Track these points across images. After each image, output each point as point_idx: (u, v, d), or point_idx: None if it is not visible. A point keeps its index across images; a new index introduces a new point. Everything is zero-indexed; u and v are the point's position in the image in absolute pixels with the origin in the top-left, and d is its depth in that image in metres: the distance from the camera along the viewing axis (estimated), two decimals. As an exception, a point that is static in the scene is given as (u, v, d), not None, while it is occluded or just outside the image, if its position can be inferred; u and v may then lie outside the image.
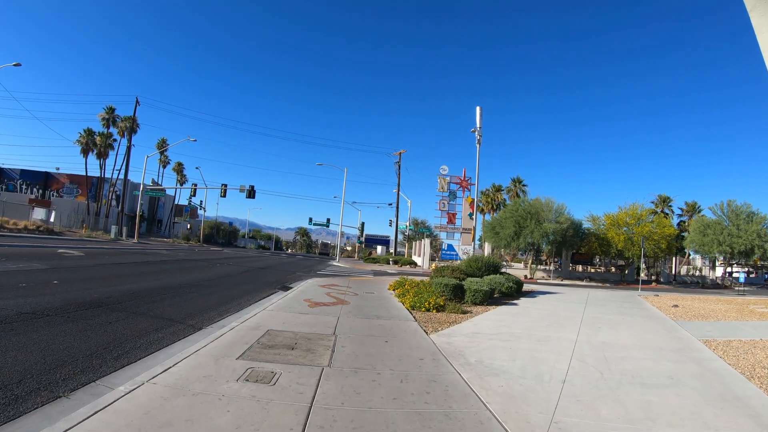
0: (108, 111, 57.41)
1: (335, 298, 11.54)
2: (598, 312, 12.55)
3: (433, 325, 8.59)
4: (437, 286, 12.05)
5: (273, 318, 8.21)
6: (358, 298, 11.98)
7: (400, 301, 11.57)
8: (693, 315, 12.91)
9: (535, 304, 13.67)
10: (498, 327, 8.85)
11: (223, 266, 21.61)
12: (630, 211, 40.49)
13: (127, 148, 54.77)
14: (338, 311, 9.42)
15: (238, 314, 8.82)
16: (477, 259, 16.17)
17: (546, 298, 15.79)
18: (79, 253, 20.27)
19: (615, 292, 21.24)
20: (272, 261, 31.62)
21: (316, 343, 6.39)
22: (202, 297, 10.88)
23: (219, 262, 23.93)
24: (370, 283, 17.32)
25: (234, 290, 12.71)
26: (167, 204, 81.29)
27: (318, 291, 13.13)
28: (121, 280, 12.35)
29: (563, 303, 14.54)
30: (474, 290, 12.10)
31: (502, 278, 15.32)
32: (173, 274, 15.70)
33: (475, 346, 6.93)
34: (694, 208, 59.02)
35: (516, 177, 59.91)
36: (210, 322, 8.01)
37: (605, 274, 47.25)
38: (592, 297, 17.51)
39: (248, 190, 44.36)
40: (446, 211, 52.34)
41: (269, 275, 18.84)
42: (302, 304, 10.11)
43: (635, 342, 8.36)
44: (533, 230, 34.54)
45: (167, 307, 9.03)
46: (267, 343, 6.22)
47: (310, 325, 7.64)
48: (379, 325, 8.08)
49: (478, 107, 24.27)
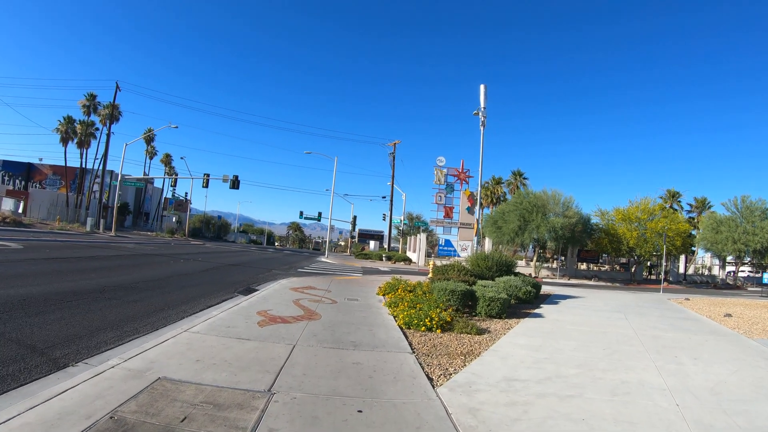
0: (89, 98, 53.89)
1: (303, 309, 8.53)
2: (646, 326, 9.67)
3: (439, 359, 5.60)
4: (441, 292, 9.06)
5: (189, 348, 5.21)
6: (335, 309, 8.96)
7: (391, 313, 8.57)
8: (763, 329, 10.08)
9: (562, 314, 10.73)
10: (538, 362, 5.88)
11: (188, 262, 18.54)
12: (641, 205, 37.60)
13: (106, 135, 51.39)
14: (299, 333, 6.41)
15: (143, 338, 5.83)
16: (486, 256, 13.18)
17: (569, 304, 12.86)
18: (17, 245, 17.16)
19: (638, 295, 18.34)
20: (252, 257, 28.48)
21: (227, 420, 3.39)
22: (120, 306, 7.86)
23: (186, 258, 20.85)
24: (357, 285, 14.34)
25: (174, 295, 9.67)
26: (154, 196, 77.88)
27: (285, 297, 10.11)
28: (25, 280, 9.30)
29: (594, 312, 11.62)
30: (489, 299, 9.12)
31: (518, 280, 12.38)
32: (113, 272, 12.64)
33: (520, 416, 3.94)
34: (704, 204, 56.29)
35: (516, 170, 56.85)
36: (85, 355, 5.05)
37: (612, 272, 44.48)
38: (621, 302, 14.63)
39: (231, 180, 41.04)
40: (443, 205, 49.25)
41: (237, 274, 15.80)
42: (252, 320, 7.10)
43: (748, 384, 5.45)
44: (539, 224, 31.60)
45: (45, 326, 6.05)
46: (126, 422, 3.22)
47: (240, 367, 4.62)
48: (354, 364, 5.04)
49: (483, 85, 21.35)
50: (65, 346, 5.44)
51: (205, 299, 9.53)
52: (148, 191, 74.75)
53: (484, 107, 22.05)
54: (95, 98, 53.83)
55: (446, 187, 49.60)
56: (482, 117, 21.95)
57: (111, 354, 5.19)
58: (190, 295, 9.83)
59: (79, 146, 54.63)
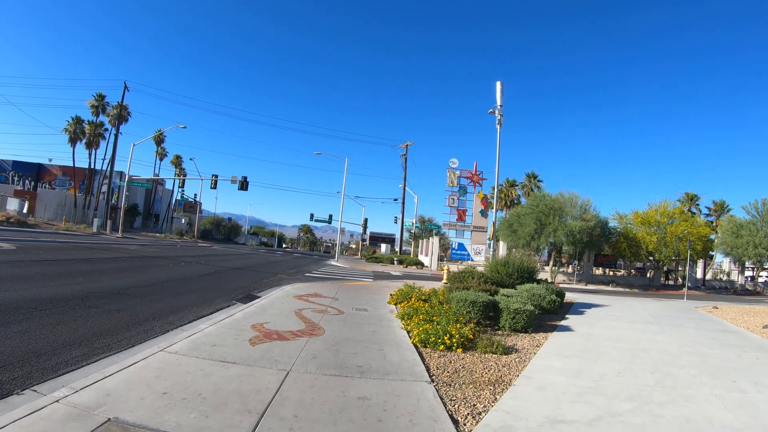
0: (97, 98, 53.63)
1: (305, 322, 7.58)
2: (687, 340, 8.63)
3: (464, 391, 4.60)
4: (460, 304, 8.07)
5: (159, 376, 4.28)
6: (341, 322, 7.99)
7: (404, 327, 7.58)
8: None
9: (592, 327, 9.65)
10: (583, 393, 4.84)
11: (189, 266, 17.72)
12: (661, 208, 36.17)
13: (114, 136, 51.13)
14: (296, 353, 5.45)
15: (111, 359, 4.94)
16: (507, 262, 12.14)
17: (596, 314, 11.77)
18: (10, 246, 16.46)
19: (664, 303, 17.10)
20: (258, 260, 27.64)
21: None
22: (99, 317, 6.98)
23: (189, 261, 20.05)
24: (366, 292, 13.38)
25: (164, 303, 8.79)
26: (165, 198, 77.64)
27: (287, 306, 9.18)
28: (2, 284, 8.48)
29: (627, 324, 10.53)
30: (514, 311, 8.11)
31: (541, 288, 11.33)
32: (105, 276, 11.82)
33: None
34: (722, 207, 54.52)
35: (531, 172, 55.61)
36: (37, 379, 4.19)
37: (629, 278, 43.00)
38: (650, 311, 13.50)
39: (240, 181, 40.33)
40: (456, 208, 48.12)
41: (239, 279, 14.92)
42: (243, 336, 6.17)
43: None
44: (557, 228, 30.37)
45: (3, 340, 5.22)
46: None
47: (215, 405, 3.67)
48: (359, 400, 4.04)
49: (499, 82, 20.28)
50: (18, 366, 4.58)
51: (198, 308, 8.63)
52: (158, 193, 74.52)
53: (501, 105, 20.99)
54: (104, 98, 53.53)
55: (459, 189, 48.46)
56: (498, 115, 20.89)
57: (68, 379, 4.30)
58: (182, 304, 8.94)
59: (88, 147, 54.40)
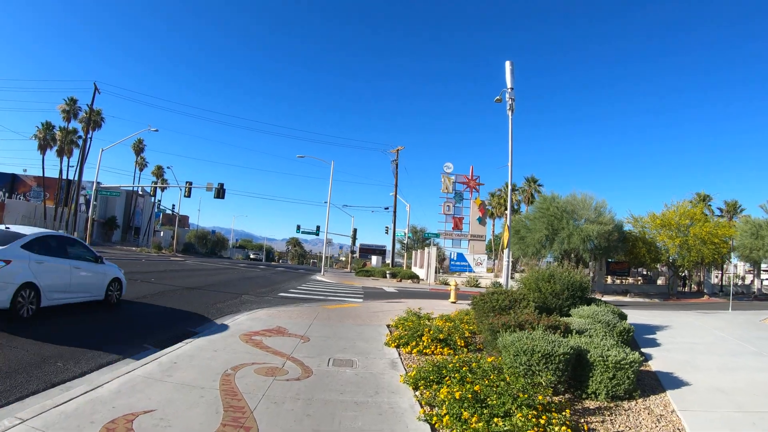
0: (69, 102, 49.45)
1: (228, 411, 3.92)
2: None
3: None
4: (520, 357, 4.43)
5: None
6: (301, 405, 4.31)
7: (424, 415, 3.93)
8: None
9: (700, 372, 6.06)
10: None
11: (133, 284, 13.88)
12: (680, 209, 32.73)
13: (83, 141, 47.06)
14: None
15: None
16: (551, 275, 8.53)
17: (676, 344, 8.17)
18: None
19: (720, 317, 13.44)
20: (231, 275, 23.64)
21: None
22: None
23: (140, 278, 16.16)
24: (353, 321, 9.72)
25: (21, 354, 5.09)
26: (146, 210, 73.32)
27: (218, 361, 5.51)
28: None
29: (729, 358, 6.97)
30: (615, 365, 4.51)
31: (607, 313, 7.75)
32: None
33: None
34: (735, 208, 51.61)
35: (530, 176, 52.43)
36: None
37: (643, 285, 39.62)
38: (728, 333, 9.87)
39: (216, 189, 36.36)
40: (451, 215, 44.51)
41: (184, 303, 11.16)
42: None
43: None
44: (572, 233, 26.83)
45: None
46: None
47: None
48: None
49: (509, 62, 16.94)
50: None
51: (64, 366, 4.93)
52: (138, 205, 70.31)
53: (512, 88, 17.47)
54: (76, 102, 49.48)
55: (455, 195, 44.85)
56: (510, 100, 17.41)
57: None
58: (45, 355, 5.24)
59: (59, 155, 50.36)
